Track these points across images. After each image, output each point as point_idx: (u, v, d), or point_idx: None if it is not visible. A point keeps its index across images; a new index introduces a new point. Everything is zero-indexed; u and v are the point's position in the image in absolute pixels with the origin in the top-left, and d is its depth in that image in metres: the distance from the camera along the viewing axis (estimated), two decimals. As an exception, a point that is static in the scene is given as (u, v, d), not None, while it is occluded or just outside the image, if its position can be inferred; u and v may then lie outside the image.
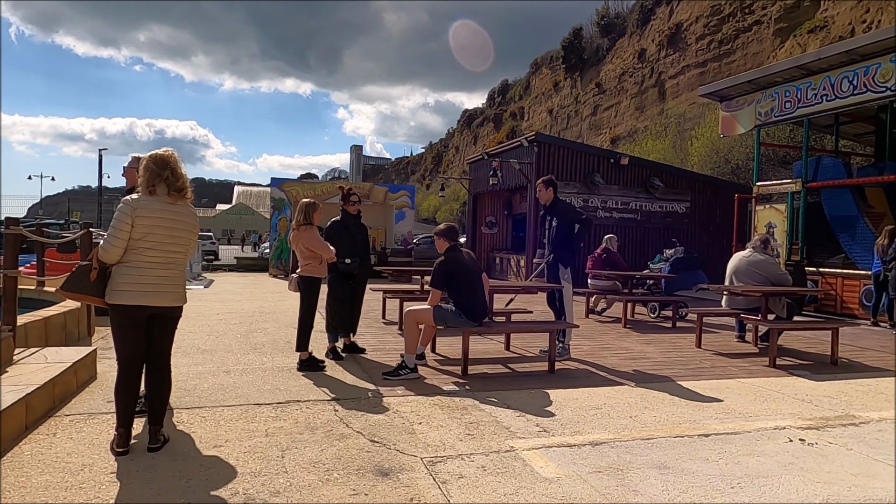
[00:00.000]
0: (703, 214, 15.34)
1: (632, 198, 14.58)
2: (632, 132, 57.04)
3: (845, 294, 10.14)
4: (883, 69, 9.55)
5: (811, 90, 10.75)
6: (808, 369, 5.53)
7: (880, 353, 6.59)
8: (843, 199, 10.69)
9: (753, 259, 6.49)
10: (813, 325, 5.88)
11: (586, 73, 71.87)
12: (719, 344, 6.79)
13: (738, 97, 12.33)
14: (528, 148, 14.09)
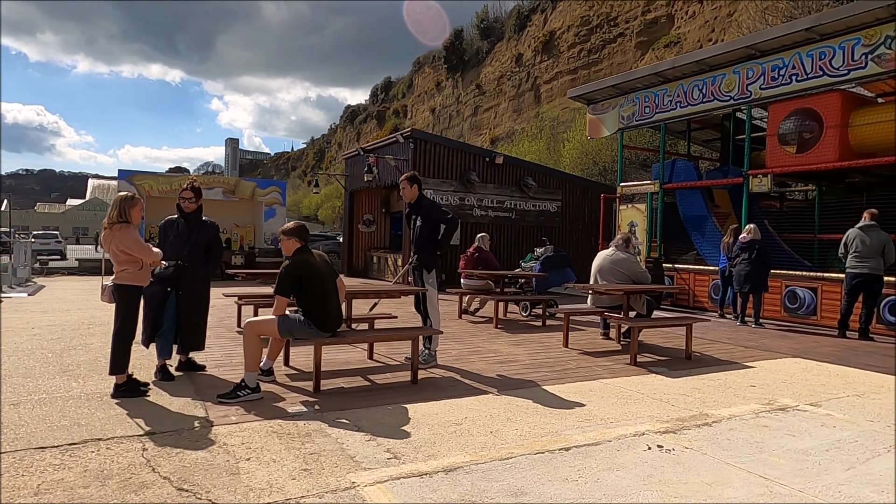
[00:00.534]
0: (573, 213, 15.90)
1: (507, 196, 14.74)
2: (510, 133, 59.01)
3: (697, 289, 10.86)
4: (727, 79, 10.30)
5: (667, 97, 11.39)
6: (666, 365, 5.65)
7: (727, 344, 6.98)
8: (694, 199, 11.45)
9: (616, 258, 6.58)
10: (670, 322, 6.04)
11: (467, 74, 73.38)
12: (586, 342, 6.83)
13: (604, 101, 12.84)
14: (404, 144, 13.74)
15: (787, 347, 6.92)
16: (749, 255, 8.71)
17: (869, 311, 7.72)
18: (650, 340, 7.04)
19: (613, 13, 50.85)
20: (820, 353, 6.64)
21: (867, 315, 7.72)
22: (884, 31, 8.17)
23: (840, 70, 8.67)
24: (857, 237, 7.71)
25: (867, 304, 7.71)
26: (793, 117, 9.46)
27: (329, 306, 4.23)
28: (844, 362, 6.11)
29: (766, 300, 9.53)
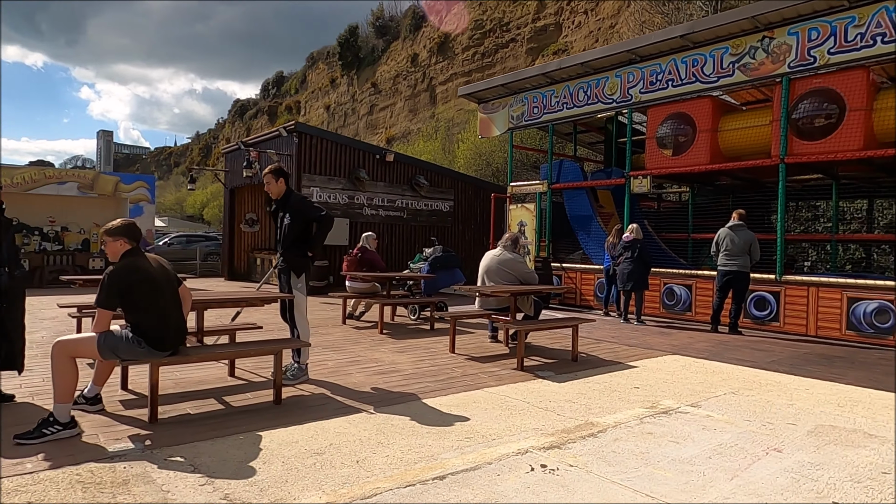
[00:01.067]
0: (466, 213, 15.79)
1: (398, 195, 14.31)
2: (406, 133, 58.76)
3: (583, 287, 11.04)
4: (610, 83, 10.54)
5: (554, 98, 11.50)
6: (552, 369, 5.46)
7: (612, 343, 6.99)
8: (580, 200, 11.66)
9: (503, 258, 6.35)
10: (556, 324, 5.89)
11: (363, 72, 72.23)
12: (474, 346, 6.54)
13: (494, 100, 12.78)
14: (288, 138, 12.88)
15: (667, 344, 7.05)
16: (631, 254, 8.89)
17: (738, 307, 8.10)
18: (538, 342, 6.90)
19: (506, 19, 52.19)
20: (696, 349, 6.81)
21: (736, 310, 8.10)
22: (748, 42, 8.65)
23: (710, 77, 9.09)
24: (726, 236, 8.07)
25: (736, 299, 8.09)
26: (669, 121, 9.83)
27: (167, 320, 3.55)
28: (718, 357, 6.28)
29: (647, 298, 9.83)
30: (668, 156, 9.88)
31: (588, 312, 10.38)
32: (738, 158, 9.37)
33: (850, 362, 6.21)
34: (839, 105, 7.91)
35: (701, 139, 9.45)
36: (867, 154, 7.64)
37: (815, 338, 7.87)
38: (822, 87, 8.07)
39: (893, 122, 7.69)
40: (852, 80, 7.79)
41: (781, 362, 6.09)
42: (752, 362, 6.06)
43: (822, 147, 8.04)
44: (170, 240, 22.45)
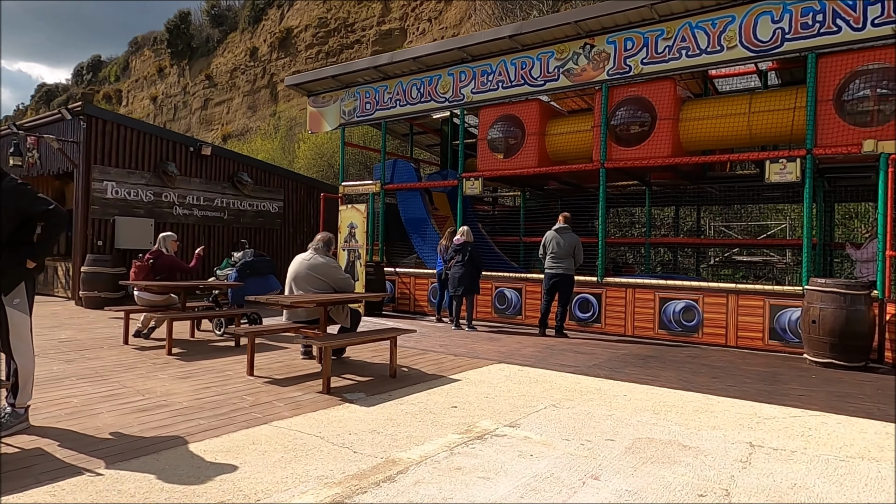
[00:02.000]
0: (297, 215, 14.64)
1: (217, 193, 12.77)
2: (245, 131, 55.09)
3: (417, 293, 10.57)
4: (443, 81, 10.20)
5: (387, 94, 10.93)
6: (365, 389, 4.76)
7: (439, 353, 6.49)
8: (414, 201, 11.20)
9: (314, 262, 5.53)
10: (371, 337, 5.18)
11: (196, 62, 66.45)
12: (280, 365, 5.63)
13: (325, 93, 11.89)
14: (73, 122, 10.80)
15: (494, 352, 6.72)
16: (462, 257, 8.55)
17: (563, 310, 8.10)
18: (358, 356, 6.17)
19: (351, 19, 51.19)
20: (523, 355, 6.56)
21: (562, 313, 8.09)
22: (572, 48, 8.77)
23: (538, 80, 9.10)
24: (553, 239, 8.03)
25: (562, 302, 8.08)
26: (499, 123, 9.72)
27: None
28: (543, 364, 6.05)
29: (479, 302, 9.60)
30: (500, 158, 9.76)
31: (422, 319, 9.92)
32: (565, 163, 9.50)
33: (662, 362, 6.32)
34: (651, 113, 8.26)
35: (529, 142, 9.45)
36: (675, 161, 8.05)
37: (632, 338, 8.10)
38: (636, 95, 8.38)
39: (696, 132, 8.19)
40: (662, 90, 8.18)
41: (602, 366, 6.01)
42: (575, 367, 5.90)
43: (637, 153, 8.34)
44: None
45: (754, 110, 7.77)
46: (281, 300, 4.92)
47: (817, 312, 6.26)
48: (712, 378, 5.55)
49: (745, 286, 7.44)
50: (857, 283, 6.24)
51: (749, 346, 7.30)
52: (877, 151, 6.61)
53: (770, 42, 7.23)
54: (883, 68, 6.66)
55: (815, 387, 5.26)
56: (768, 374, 5.82)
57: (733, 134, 7.96)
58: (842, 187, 10.80)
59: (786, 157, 7.18)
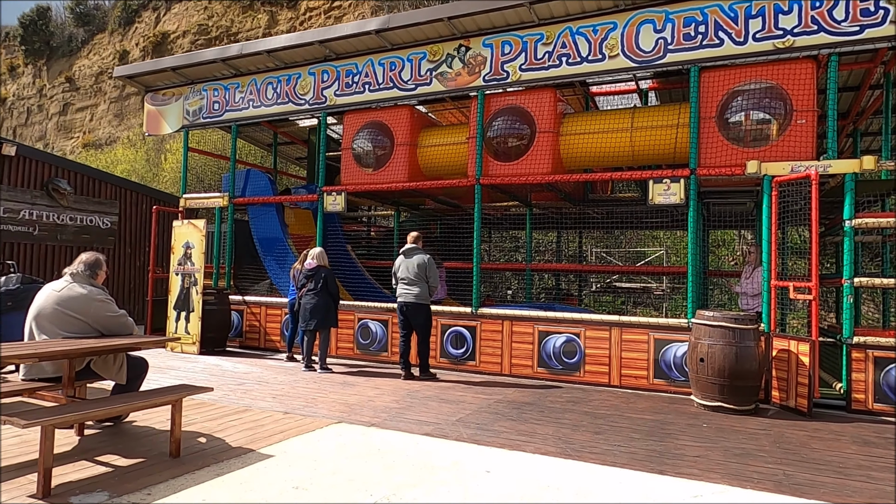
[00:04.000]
0: (137, 232, 12.47)
1: (25, 204, 10.41)
2: (112, 140, 49.91)
3: (269, 325, 8.97)
4: (303, 80, 8.86)
5: (239, 93, 9.39)
6: (113, 485, 3.22)
7: (263, 411, 5.03)
8: (268, 218, 9.65)
9: (67, 294, 3.91)
10: (139, 401, 3.63)
11: (55, 63, 59.59)
12: (16, 441, 3.91)
13: (166, 89, 10.09)
14: None
15: (339, 404, 5.37)
16: (315, 284, 7.17)
17: (424, 346, 6.91)
18: (147, 420, 4.57)
19: (234, 28, 48.24)
20: (375, 407, 5.28)
21: (423, 350, 6.89)
22: (446, 49, 7.81)
23: (409, 84, 8.04)
24: (401, 263, 6.89)
25: (420, 337, 6.90)
26: (366, 130, 8.52)
27: None
28: (396, 420, 4.80)
29: (340, 336, 8.23)
30: (366, 171, 8.54)
31: (272, 356, 8.34)
32: (439, 179, 8.47)
33: (539, 411, 5.31)
34: (531, 126, 7.44)
35: (399, 154, 8.32)
36: (555, 178, 7.25)
37: (510, 377, 7.10)
38: (515, 104, 7.55)
39: (577, 148, 7.48)
40: (542, 100, 7.40)
41: (468, 421, 4.87)
42: (435, 425, 4.71)
43: (515, 169, 7.47)
44: None
45: (637, 126, 7.17)
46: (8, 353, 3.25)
47: (705, 349, 5.56)
48: (595, 434, 4.58)
49: (628, 319, 6.71)
50: (746, 316, 5.63)
51: (633, 386, 6.53)
52: (760, 173, 6.14)
53: (653, 52, 6.65)
54: (766, 86, 6.25)
55: (709, 442, 4.44)
56: (657, 424, 4.98)
57: (615, 151, 7.32)
58: (714, 213, 10.72)
59: (669, 176, 6.58)
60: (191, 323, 8.48)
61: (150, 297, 9.34)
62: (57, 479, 3.23)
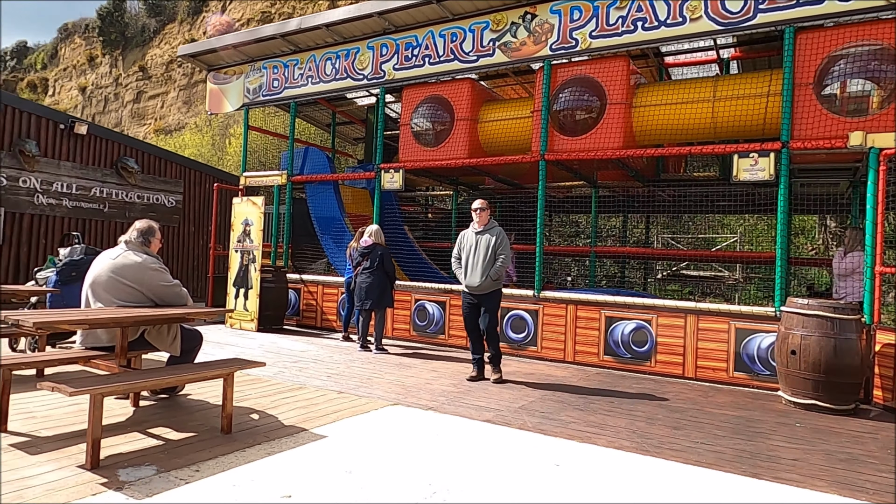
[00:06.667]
0: (200, 211, 12.69)
1: (96, 182, 10.72)
2: (180, 126, 51.93)
3: (325, 304, 8.89)
4: (361, 55, 8.64)
5: (298, 69, 9.28)
6: (162, 460, 3.08)
7: (317, 389, 4.86)
8: (326, 197, 9.55)
9: (122, 262, 3.81)
10: (193, 373, 3.46)
11: (130, 53, 62.54)
12: (68, 409, 3.87)
13: (227, 67, 10.12)
14: None
15: (395, 386, 5.15)
16: (370, 263, 6.97)
17: (494, 333, 6.49)
18: (202, 394, 4.47)
19: (296, 15, 49.05)
20: (432, 390, 5.02)
21: (492, 338, 6.45)
22: (510, 18, 7.38)
23: (470, 56, 7.67)
24: (467, 239, 5.90)
25: (491, 322, 6.52)
26: (425, 105, 8.22)
27: None
28: (454, 405, 4.53)
29: (395, 317, 8.04)
30: (425, 147, 8.25)
31: (329, 335, 8.26)
32: (501, 155, 8.08)
33: (609, 402, 4.91)
34: (600, 97, 6.94)
35: (459, 129, 7.98)
36: (626, 153, 6.73)
37: (572, 364, 6.70)
38: (584, 75, 7.05)
39: (651, 121, 6.92)
40: (613, 69, 6.88)
41: (532, 409, 4.53)
42: (497, 412, 4.40)
43: (583, 143, 7.00)
44: None
45: (720, 96, 6.55)
46: (20, 317, 3.15)
47: (798, 341, 4.99)
48: (674, 429, 4.15)
49: (706, 306, 6.16)
50: (847, 305, 5.02)
51: (710, 379, 6.00)
52: (865, 146, 5.45)
53: (741, 13, 6.02)
54: (874, 48, 5.53)
55: (806, 444, 3.94)
56: (741, 421, 4.49)
57: (695, 124, 6.72)
58: (799, 195, 9.84)
59: (757, 150, 5.96)
60: (249, 300, 8.49)
61: (210, 273, 9.45)
62: (107, 450, 3.13)
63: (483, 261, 5.51)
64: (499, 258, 5.50)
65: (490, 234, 5.57)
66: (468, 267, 5.63)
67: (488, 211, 5.74)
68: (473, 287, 5.58)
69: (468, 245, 5.69)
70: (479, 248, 5.58)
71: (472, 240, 5.68)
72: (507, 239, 5.66)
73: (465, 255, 5.70)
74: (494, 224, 5.72)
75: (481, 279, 5.51)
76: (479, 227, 5.68)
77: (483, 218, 5.68)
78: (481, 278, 5.51)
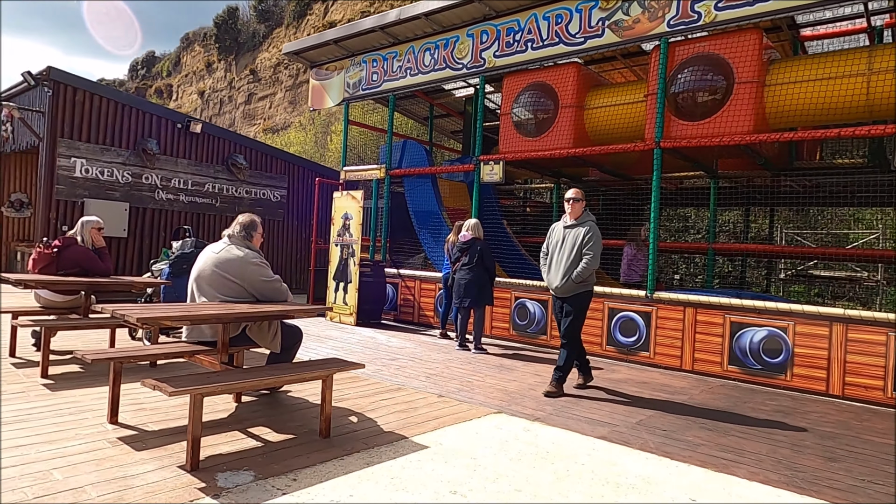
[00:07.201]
0: (303, 205, 13.05)
1: (209, 178, 11.28)
2: (286, 126, 54.67)
3: (423, 300, 8.75)
4: (461, 44, 8.37)
5: (397, 61, 9.18)
6: (260, 465, 2.95)
7: (416, 391, 4.64)
8: (424, 190, 9.40)
9: (225, 256, 3.77)
10: (290, 374, 3.32)
11: (242, 57, 66.61)
12: (178, 405, 3.90)
13: (329, 63, 10.24)
14: (39, 90, 9.46)
15: (497, 391, 4.83)
16: (469, 258, 6.70)
17: (574, 339, 5.74)
18: (301, 391, 4.39)
19: (393, 13, 49.88)
20: (536, 398, 4.65)
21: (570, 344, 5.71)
22: (621, -7, 6.79)
23: (576, 38, 7.16)
24: (555, 234, 5.20)
25: (573, 325, 5.75)
26: (527, 93, 7.81)
27: None
28: (563, 416, 4.13)
29: (494, 315, 7.72)
30: (526, 137, 7.85)
31: (426, 332, 8.10)
32: (609, 144, 7.51)
33: (741, 423, 4.30)
34: (727, 76, 6.20)
35: (564, 117, 7.50)
36: (758, 138, 5.96)
37: (690, 373, 6.07)
38: (707, 52, 6.34)
39: (788, 101, 6.09)
40: (743, 43, 6.12)
41: (652, 427, 4.04)
42: (611, 426, 3.96)
43: (706, 129, 6.30)
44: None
45: (878, 69, 5.61)
46: (151, 314, 3.14)
47: None
48: (829, 460, 3.52)
49: (858, 313, 5.31)
50: None
51: (863, 399, 5.17)
52: None
53: (908, -32, 5.09)
54: None
55: None
56: (915, 454, 3.74)
57: (844, 103, 5.82)
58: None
59: (928, 131, 5.02)
60: (348, 294, 8.52)
61: (312, 267, 9.61)
62: (208, 450, 3.05)
63: (567, 259, 4.83)
64: (585, 257, 4.76)
65: (580, 229, 4.86)
66: (551, 265, 4.99)
67: (583, 202, 4.97)
68: (554, 288, 4.96)
69: (555, 240, 5.04)
70: (566, 245, 4.89)
71: (559, 234, 5.01)
72: (600, 236, 4.86)
73: (550, 250, 5.07)
74: (588, 218, 4.95)
75: (562, 280, 4.84)
76: (569, 221, 4.97)
77: (576, 210, 4.94)
78: (562, 280, 4.83)
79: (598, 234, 4.85)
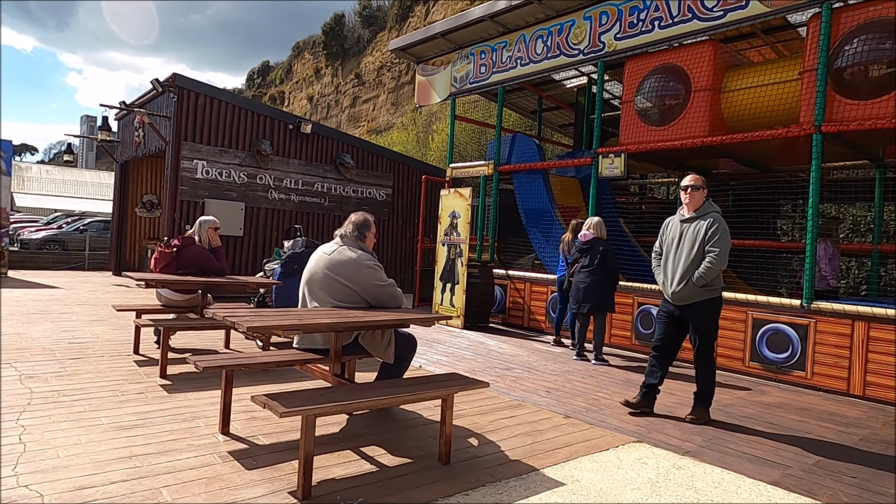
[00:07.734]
0: (408, 204, 12.97)
1: (318, 177, 11.44)
2: (388, 126, 56.04)
3: (533, 303, 8.23)
4: (577, 28, 7.75)
5: (506, 52, 8.72)
6: (376, 495, 2.62)
7: (539, 408, 4.16)
8: (535, 187, 8.86)
9: (337, 258, 3.50)
10: (408, 392, 2.94)
11: (347, 62, 69.27)
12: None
13: (435, 58, 9.98)
14: (166, 96, 9.98)
15: (628, 415, 4.23)
16: (590, 260, 6.10)
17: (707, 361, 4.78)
18: (416, 405, 4.06)
19: (494, 9, 49.46)
20: (680, 426, 4.01)
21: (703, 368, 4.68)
22: (771, -44, 5.89)
23: (714, 11, 6.33)
24: (672, 229, 4.33)
25: (703, 345, 4.83)
26: (654, 77, 7.06)
27: None
28: (717, 448, 3.49)
29: (615, 322, 7.06)
30: (651, 126, 7.10)
31: (536, 338, 7.59)
32: (750, 131, 6.60)
33: (954, 470, 3.42)
34: (911, 44, 5.15)
35: (697, 102, 6.69)
36: (957, 117, 4.88)
37: (860, 399, 5.11)
38: (884, 17, 5.31)
39: None
40: (935, 2, 5.04)
41: (836, 473, 3.29)
42: (783, 468, 3.27)
43: (881, 108, 5.28)
44: (83, 225, 19.40)
45: None
46: (262, 322, 2.91)
47: None
48: None
49: None
50: None
51: None
52: None
53: None
54: None
55: None
56: None
57: None
58: None
59: None
60: (455, 295, 8.19)
61: (418, 266, 9.40)
62: (320, 472, 2.77)
63: (686, 258, 4.00)
64: (708, 255, 3.92)
65: (702, 222, 3.99)
66: (667, 266, 4.16)
67: (703, 191, 4.08)
68: (671, 294, 4.12)
69: (670, 237, 4.19)
70: (684, 242, 4.04)
71: (675, 230, 4.16)
72: (727, 229, 3.98)
73: (665, 249, 4.25)
74: (711, 208, 4.07)
75: (679, 285, 4.02)
76: (687, 213, 4.10)
77: (695, 199, 4.04)
78: (679, 284, 4.02)
79: (724, 227, 4.00)
